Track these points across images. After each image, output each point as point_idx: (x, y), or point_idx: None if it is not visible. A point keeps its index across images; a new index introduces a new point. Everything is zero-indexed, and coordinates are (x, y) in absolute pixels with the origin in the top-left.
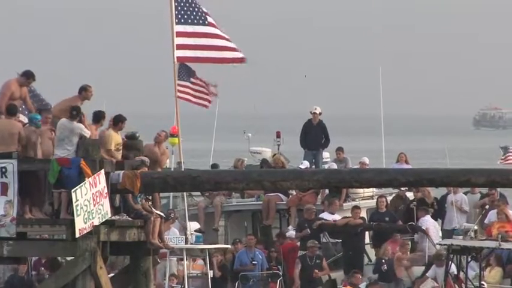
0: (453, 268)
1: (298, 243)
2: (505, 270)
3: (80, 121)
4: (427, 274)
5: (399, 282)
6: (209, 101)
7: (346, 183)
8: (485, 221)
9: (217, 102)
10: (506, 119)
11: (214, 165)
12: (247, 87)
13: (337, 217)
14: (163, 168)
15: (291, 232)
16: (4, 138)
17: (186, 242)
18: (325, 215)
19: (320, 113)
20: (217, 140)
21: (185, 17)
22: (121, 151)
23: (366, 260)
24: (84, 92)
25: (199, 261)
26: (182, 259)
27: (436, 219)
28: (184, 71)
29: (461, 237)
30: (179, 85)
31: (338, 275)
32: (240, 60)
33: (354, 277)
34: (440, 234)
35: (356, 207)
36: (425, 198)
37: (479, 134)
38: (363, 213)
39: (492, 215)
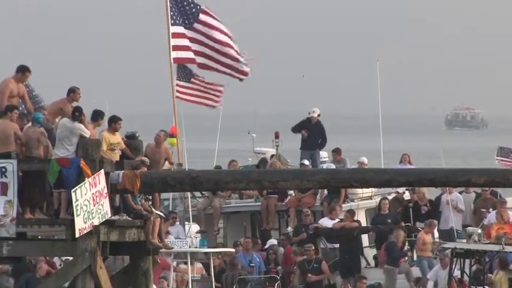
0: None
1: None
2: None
3: (81, 121)
4: (428, 276)
5: (402, 267)
6: (216, 101)
7: (346, 183)
8: (485, 222)
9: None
10: (479, 119)
11: (217, 168)
12: (248, 86)
13: (336, 221)
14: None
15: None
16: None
17: (190, 246)
18: (325, 221)
19: (319, 115)
20: (222, 141)
21: (180, 19)
22: (116, 150)
23: (364, 263)
24: (72, 94)
25: (199, 265)
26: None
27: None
28: (184, 71)
29: (464, 240)
30: (179, 86)
31: (338, 279)
32: (239, 76)
33: (359, 282)
34: (437, 235)
35: (349, 211)
36: (419, 201)
37: (452, 134)
38: (362, 214)
39: (492, 216)
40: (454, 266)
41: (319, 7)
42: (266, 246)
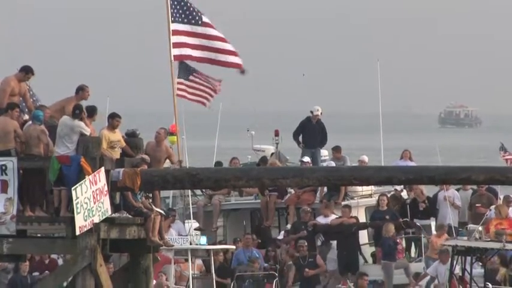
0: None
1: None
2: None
3: (81, 119)
4: (427, 271)
5: (400, 262)
6: (207, 99)
7: (346, 181)
8: (485, 219)
9: (220, 100)
10: (472, 117)
11: (218, 163)
12: (248, 85)
13: (332, 218)
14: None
15: (281, 232)
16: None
17: (191, 243)
18: (320, 219)
19: (321, 113)
20: (221, 138)
21: (183, 16)
22: (116, 148)
23: (361, 260)
24: (81, 92)
25: (198, 261)
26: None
27: (428, 217)
28: (184, 69)
29: (465, 238)
30: (180, 83)
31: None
32: (237, 66)
33: (361, 279)
34: (435, 232)
35: (346, 207)
36: (417, 197)
37: (446, 132)
38: (362, 212)
39: (492, 213)
40: (455, 263)
41: (319, 8)
42: (280, 238)
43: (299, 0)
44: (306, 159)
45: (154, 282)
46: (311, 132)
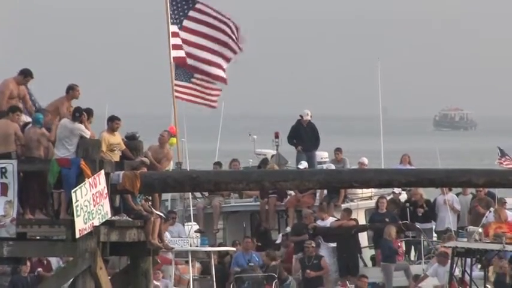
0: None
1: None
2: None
3: (81, 122)
4: (427, 273)
5: (400, 264)
6: (214, 101)
7: (346, 184)
8: (483, 221)
9: (223, 103)
10: (468, 120)
11: (217, 163)
12: (250, 87)
13: (331, 220)
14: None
15: (279, 235)
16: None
17: (191, 245)
18: (318, 222)
19: (311, 117)
20: (223, 142)
21: (177, 18)
22: (116, 151)
23: (361, 264)
24: (71, 91)
25: (196, 263)
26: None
27: (428, 221)
28: (182, 71)
29: (465, 239)
30: (178, 85)
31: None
32: (216, 78)
33: (360, 281)
34: (435, 235)
35: (345, 210)
36: (417, 202)
37: (441, 135)
38: (362, 214)
39: (491, 216)
40: (454, 265)
41: (319, 9)
42: (278, 241)
43: (300, 1)
44: (303, 165)
45: (158, 283)
46: (304, 137)
